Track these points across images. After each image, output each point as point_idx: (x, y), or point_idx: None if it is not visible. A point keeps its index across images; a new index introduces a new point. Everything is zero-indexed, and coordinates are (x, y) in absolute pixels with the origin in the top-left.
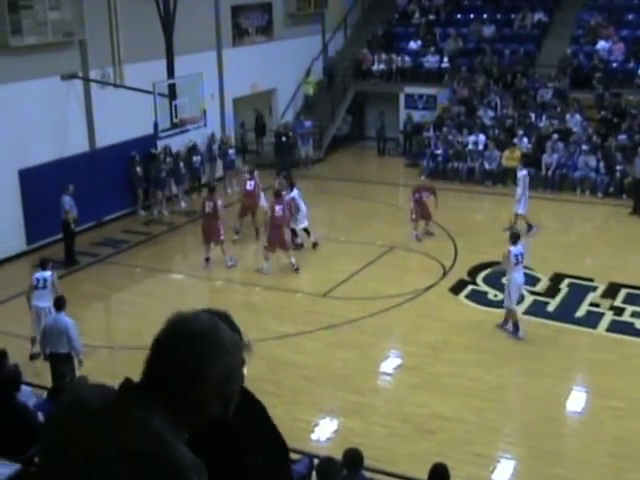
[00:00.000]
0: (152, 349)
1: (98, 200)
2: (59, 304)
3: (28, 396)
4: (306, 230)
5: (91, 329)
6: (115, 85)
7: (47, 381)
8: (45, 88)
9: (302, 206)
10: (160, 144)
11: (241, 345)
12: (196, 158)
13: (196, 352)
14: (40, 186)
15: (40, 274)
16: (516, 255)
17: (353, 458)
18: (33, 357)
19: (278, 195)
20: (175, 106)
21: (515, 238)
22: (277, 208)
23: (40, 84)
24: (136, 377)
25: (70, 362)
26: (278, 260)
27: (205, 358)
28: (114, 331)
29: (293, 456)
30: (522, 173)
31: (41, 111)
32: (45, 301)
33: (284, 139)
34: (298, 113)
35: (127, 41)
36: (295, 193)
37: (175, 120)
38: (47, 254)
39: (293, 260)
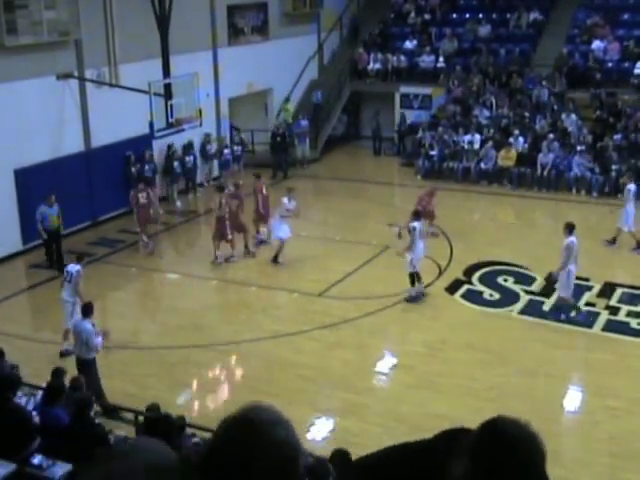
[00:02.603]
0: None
1: (94, 200)
2: (85, 310)
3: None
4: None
5: None
6: (111, 85)
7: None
8: (41, 88)
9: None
10: (161, 143)
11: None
12: (189, 158)
13: (244, 442)
14: (36, 186)
15: (71, 267)
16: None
17: (342, 459)
18: (63, 355)
19: (222, 189)
20: (171, 106)
21: (571, 228)
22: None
23: (36, 84)
24: (131, 377)
25: (88, 367)
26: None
27: (253, 450)
28: (110, 330)
29: None
30: (630, 187)
31: (37, 111)
32: (67, 295)
33: (279, 139)
34: (295, 113)
35: (123, 41)
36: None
37: (171, 120)
38: (42, 254)
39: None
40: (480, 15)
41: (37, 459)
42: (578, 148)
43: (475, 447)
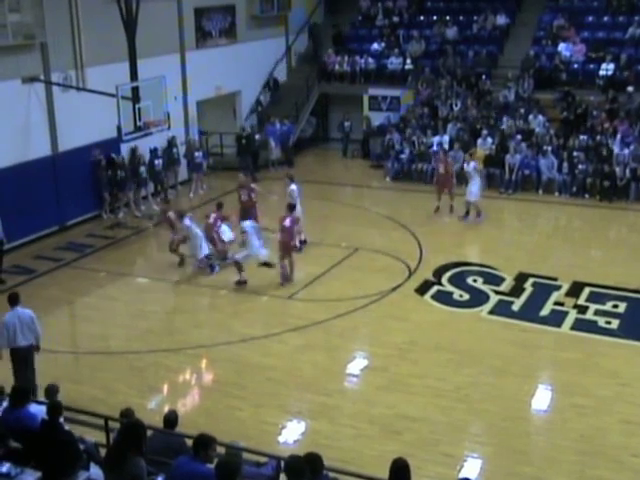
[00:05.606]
0: None
1: (61, 204)
2: (13, 300)
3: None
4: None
5: (55, 334)
6: (77, 88)
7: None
8: (6, 91)
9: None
10: (127, 147)
11: None
12: (158, 161)
13: None
14: (2, 190)
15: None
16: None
17: (313, 462)
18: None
19: (167, 202)
20: (138, 109)
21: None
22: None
23: (0, 87)
24: (100, 382)
25: (30, 355)
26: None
27: None
28: (78, 336)
29: (260, 459)
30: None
31: (2, 115)
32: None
33: (244, 142)
34: (262, 116)
35: (89, 44)
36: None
37: (139, 123)
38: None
39: None
40: (447, 17)
41: (5, 467)
42: (545, 148)
43: None
